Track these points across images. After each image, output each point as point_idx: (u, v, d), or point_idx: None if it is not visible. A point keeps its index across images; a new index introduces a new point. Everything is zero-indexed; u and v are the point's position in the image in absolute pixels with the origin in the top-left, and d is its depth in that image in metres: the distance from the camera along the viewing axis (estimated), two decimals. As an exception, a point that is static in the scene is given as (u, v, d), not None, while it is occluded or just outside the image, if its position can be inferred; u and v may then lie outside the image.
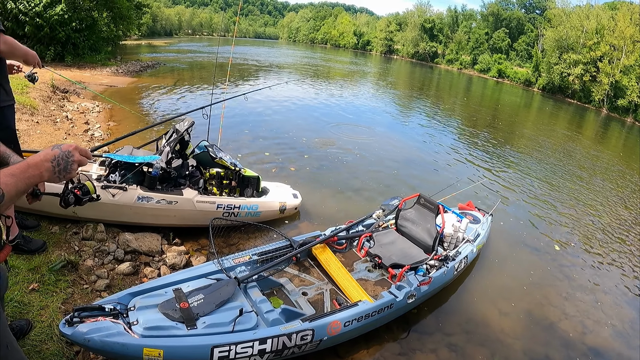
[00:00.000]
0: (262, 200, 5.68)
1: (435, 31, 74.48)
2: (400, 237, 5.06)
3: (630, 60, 36.43)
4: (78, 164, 1.57)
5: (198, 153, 5.43)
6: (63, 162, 1.51)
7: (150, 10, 50.92)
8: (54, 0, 17.26)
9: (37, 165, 1.44)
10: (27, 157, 1.50)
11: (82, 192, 2.15)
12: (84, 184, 2.17)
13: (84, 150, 1.60)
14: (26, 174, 1.40)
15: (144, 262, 4.56)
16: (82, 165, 1.60)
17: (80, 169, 1.67)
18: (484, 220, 6.07)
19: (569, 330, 4.90)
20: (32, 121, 8.50)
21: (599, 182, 11.82)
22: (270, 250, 4.22)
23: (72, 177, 1.60)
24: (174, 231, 5.18)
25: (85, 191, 2.16)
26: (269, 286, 3.97)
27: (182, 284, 3.42)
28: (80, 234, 4.63)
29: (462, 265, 4.92)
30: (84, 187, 2.16)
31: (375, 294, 4.08)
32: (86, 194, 2.16)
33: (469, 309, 4.96)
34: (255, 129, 11.41)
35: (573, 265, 6.53)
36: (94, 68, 18.76)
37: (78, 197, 2.13)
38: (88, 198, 2.15)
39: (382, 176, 9.10)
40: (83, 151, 1.60)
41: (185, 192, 4.93)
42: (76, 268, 4.03)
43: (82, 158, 1.59)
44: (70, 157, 1.53)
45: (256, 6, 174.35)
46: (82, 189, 2.15)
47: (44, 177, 1.47)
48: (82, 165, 1.60)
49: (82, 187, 2.15)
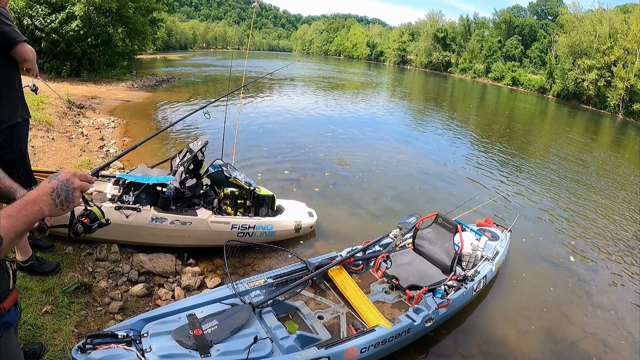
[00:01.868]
0: (277, 220, 5.63)
1: (448, 40, 74.48)
2: (417, 257, 4.96)
3: (645, 63, 35.95)
4: (80, 190, 1.47)
5: (212, 172, 5.39)
6: (63, 192, 1.41)
7: (165, 24, 51.78)
8: (70, 17, 17.60)
9: (35, 201, 1.35)
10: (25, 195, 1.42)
11: (90, 219, 2.10)
12: (91, 211, 2.12)
13: (83, 175, 1.49)
14: (24, 213, 1.32)
15: (158, 284, 4.52)
16: (84, 191, 1.49)
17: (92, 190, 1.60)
18: (503, 237, 5.94)
19: (589, 349, 4.75)
20: (47, 137, 8.56)
21: (618, 191, 11.58)
22: (285, 273, 4.15)
23: (77, 205, 1.49)
24: (189, 251, 5.14)
25: (93, 218, 2.10)
26: (284, 310, 3.91)
27: (196, 309, 3.36)
28: (94, 255, 4.61)
29: (481, 285, 4.81)
30: (90, 213, 2.10)
31: (392, 318, 4.00)
32: (94, 221, 2.10)
33: (488, 329, 4.84)
34: (272, 145, 11.37)
35: (593, 280, 6.35)
36: (110, 83, 18.99)
37: (87, 226, 2.08)
38: (97, 224, 2.10)
39: (399, 192, 8.98)
40: (82, 176, 1.48)
41: (200, 213, 4.90)
42: (90, 290, 4.00)
43: (83, 183, 1.47)
44: (70, 185, 1.43)
45: (269, 19, 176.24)
46: (89, 216, 2.10)
47: (45, 212, 1.37)
48: (84, 191, 1.50)
49: (89, 214, 2.10)
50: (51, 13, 17.23)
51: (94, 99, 14.75)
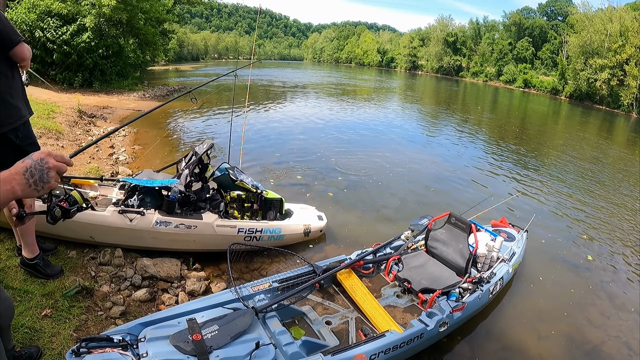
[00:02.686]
0: (286, 224, 5.48)
1: (458, 44, 74.20)
2: (430, 259, 4.75)
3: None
4: (56, 171, 1.36)
5: (219, 175, 5.27)
6: (37, 171, 1.31)
7: (177, 36, 52.34)
8: (81, 28, 17.82)
9: (7, 180, 1.26)
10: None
11: (69, 203, 2.00)
12: (70, 194, 2.02)
13: (59, 155, 1.38)
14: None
15: (162, 289, 4.41)
16: (61, 172, 1.38)
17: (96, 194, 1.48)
18: (519, 237, 5.72)
19: (613, 353, 4.53)
20: (57, 145, 8.59)
21: (633, 190, 11.25)
22: (291, 277, 3.99)
23: (53, 187, 1.37)
24: (194, 256, 5.03)
25: (72, 201, 2.00)
26: (290, 315, 3.74)
27: (197, 314, 3.22)
28: (97, 259, 4.54)
29: (498, 287, 4.59)
30: (70, 197, 2.01)
31: (404, 322, 3.81)
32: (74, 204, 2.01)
33: (505, 334, 4.62)
34: (284, 150, 11.30)
35: (613, 281, 6.10)
36: (122, 93, 19.12)
37: (65, 210, 1.98)
38: (76, 208, 2.00)
39: (412, 194, 8.79)
40: (58, 157, 1.38)
41: (205, 216, 4.78)
42: (91, 294, 3.92)
43: (59, 164, 1.37)
44: (45, 164, 1.32)
45: (280, 29, 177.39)
46: (68, 199, 2.00)
47: (17, 192, 1.28)
48: (61, 173, 1.38)
49: (68, 197, 2.00)
50: (62, 25, 17.46)
51: (105, 109, 14.84)
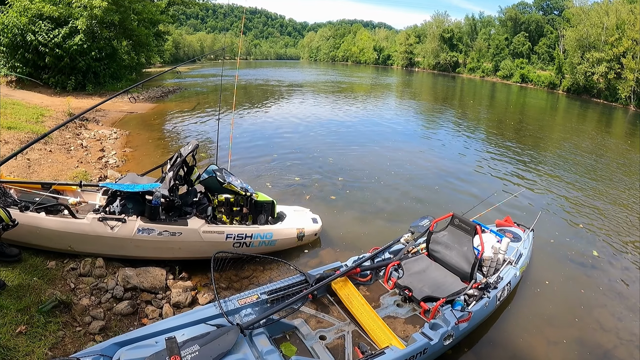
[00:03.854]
0: (277, 228, 5.20)
1: (454, 41, 73.78)
2: (432, 263, 4.42)
3: (654, 53, 35.00)
4: None
5: (205, 178, 4.98)
6: None
7: (172, 37, 51.85)
8: (73, 31, 17.55)
9: None
10: None
11: None
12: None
13: None
14: None
15: (146, 300, 4.17)
16: None
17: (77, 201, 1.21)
18: (525, 237, 5.45)
19: (625, 358, 4.33)
20: (45, 150, 8.42)
21: (636, 183, 11.05)
22: (282, 288, 3.69)
23: None
24: (181, 264, 4.75)
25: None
26: (280, 330, 3.44)
27: (177, 332, 2.94)
28: (77, 270, 4.31)
29: (505, 292, 4.31)
30: None
31: (405, 335, 3.52)
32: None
33: (513, 340, 4.37)
34: (279, 150, 11.09)
35: (623, 280, 5.88)
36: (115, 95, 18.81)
37: None
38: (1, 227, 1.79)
39: (412, 192, 8.55)
40: None
41: (191, 222, 4.50)
42: (69, 308, 3.72)
43: None
44: None
45: (276, 28, 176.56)
46: None
47: None
48: None
49: None
50: (54, 28, 17.22)
51: (98, 112, 14.58)
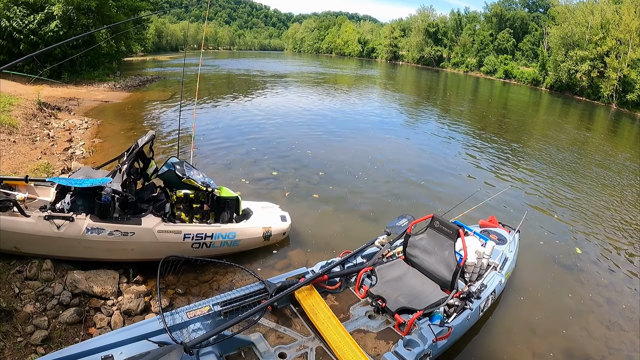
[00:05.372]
0: (241, 227, 4.79)
1: (439, 35, 73.85)
2: (410, 269, 4.04)
3: (637, 53, 35.52)
4: None
5: (164, 172, 4.53)
6: None
7: (155, 26, 50.75)
8: (49, 17, 17.02)
9: None
10: None
11: None
12: None
13: None
14: None
15: (94, 307, 3.78)
16: None
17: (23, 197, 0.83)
18: (511, 239, 5.14)
19: None
20: (8, 140, 8.04)
21: (621, 180, 11.03)
22: (238, 298, 3.29)
23: None
24: (136, 266, 4.34)
25: None
26: (234, 346, 3.05)
27: (115, 350, 2.58)
28: (24, 273, 3.89)
29: (489, 302, 3.95)
30: None
31: (376, 354, 3.15)
32: None
33: (495, 353, 4.05)
34: (257, 144, 10.68)
35: (611, 284, 5.68)
36: (91, 84, 18.31)
37: None
38: None
39: (392, 188, 8.24)
40: None
41: (145, 221, 4.08)
42: (10, 316, 3.38)
43: None
44: None
45: (260, 19, 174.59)
46: None
47: None
48: None
49: None
50: (30, 14, 16.70)
51: (71, 101, 14.15)
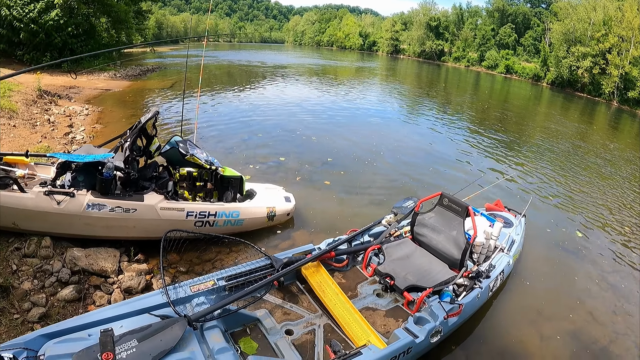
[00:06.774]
0: (245, 206, 4.72)
1: (441, 29, 73.62)
2: (417, 249, 3.97)
3: (639, 50, 35.22)
4: None
5: (167, 150, 4.47)
6: None
7: (155, 17, 50.56)
8: (49, 5, 16.84)
9: None
10: None
11: None
12: None
13: None
14: None
15: (94, 285, 3.71)
16: None
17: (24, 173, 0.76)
18: (517, 223, 5.07)
19: (622, 354, 4.07)
20: (8, 125, 8.07)
21: (622, 170, 11.04)
22: (243, 273, 3.20)
23: None
24: (138, 245, 4.26)
25: None
26: (240, 322, 2.96)
27: (115, 323, 2.47)
28: (22, 250, 3.83)
29: (498, 282, 3.88)
30: None
31: (386, 331, 3.07)
32: None
33: (504, 335, 4.01)
34: (264, 130, 10.72)
35: (616, 271, 5.61)
36: (92, 73, 18.23)
37: None
38: None
39: (396, 174, 8.24)
40: None
41: (147, 198, 4.00)
42: (7, 293, 3.32)
43: None
44: None
45: (261, 11, 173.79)
46: None
47: None
48: None
49: None
50: (30, 2, 16.53)
51: (72, 89, 14.10)
